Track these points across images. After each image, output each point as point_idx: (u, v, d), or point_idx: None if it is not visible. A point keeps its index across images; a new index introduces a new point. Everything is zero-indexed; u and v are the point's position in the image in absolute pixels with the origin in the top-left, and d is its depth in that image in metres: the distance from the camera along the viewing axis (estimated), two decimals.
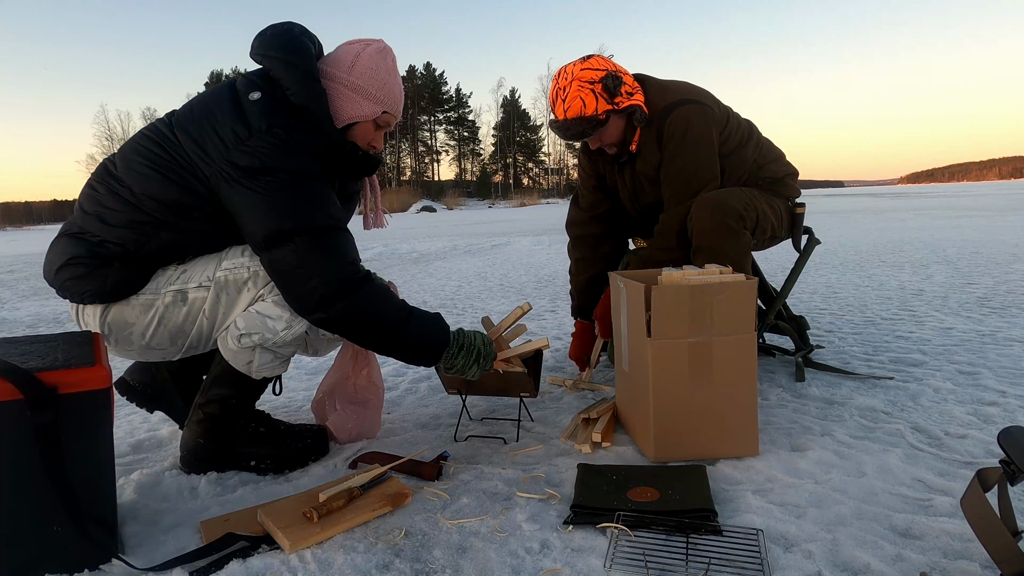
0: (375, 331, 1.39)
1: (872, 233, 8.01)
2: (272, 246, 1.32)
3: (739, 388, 1.44)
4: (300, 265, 1.32)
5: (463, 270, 6.07)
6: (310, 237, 1.32)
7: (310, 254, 1.32)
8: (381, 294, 1.40)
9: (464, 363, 1.49)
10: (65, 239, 1.42)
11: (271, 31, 1.45)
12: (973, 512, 0.96)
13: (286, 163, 1.32)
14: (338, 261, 1.35)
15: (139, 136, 1.43)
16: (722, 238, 1.81)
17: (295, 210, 1.32)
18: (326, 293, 1.32)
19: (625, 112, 1.91)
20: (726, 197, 1.84)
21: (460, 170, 70.18)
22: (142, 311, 1.41)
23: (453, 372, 1.50)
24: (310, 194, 1.35)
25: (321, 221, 1.34)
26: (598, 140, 1.97)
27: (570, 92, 1.88)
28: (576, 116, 1.88)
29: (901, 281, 4.08)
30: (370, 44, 1.50)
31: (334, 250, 1.35)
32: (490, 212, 32.67)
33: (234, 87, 1.41)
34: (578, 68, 1.90)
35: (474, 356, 1.50)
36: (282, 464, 1.54)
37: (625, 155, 2.01)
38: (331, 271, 1.33)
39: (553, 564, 1.09)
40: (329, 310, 1.34)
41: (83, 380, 1.06)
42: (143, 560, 1.14)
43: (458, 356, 1.48)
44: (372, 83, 1.46)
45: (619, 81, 1.88)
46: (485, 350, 1.52)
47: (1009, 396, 1.81)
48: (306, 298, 1.33)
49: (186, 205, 1.37)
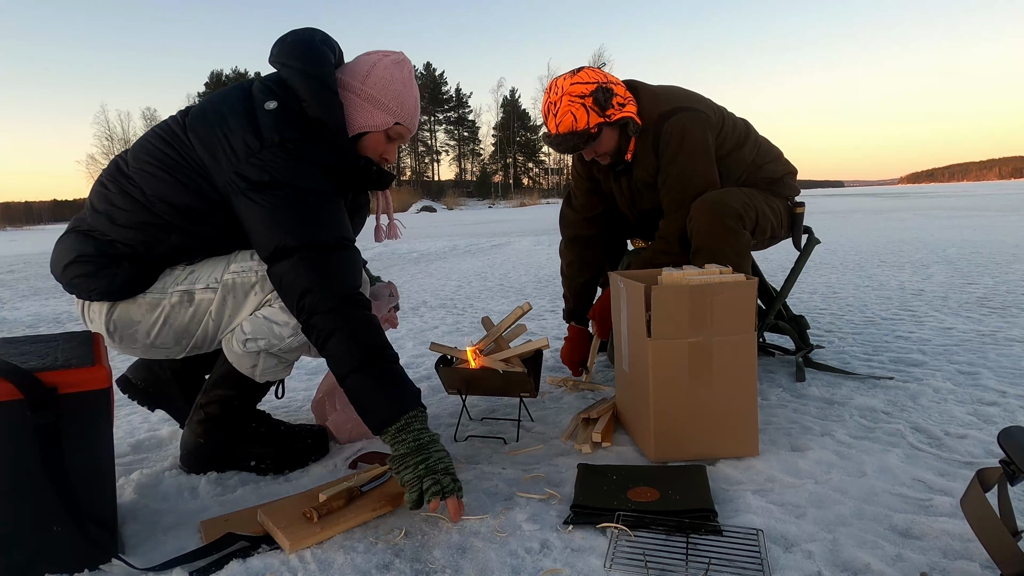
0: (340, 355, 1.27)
1: (872, 233, 8.01)
2: (274, 260, 1.31)
3: (739, 388, 1.44)
4: (296, 280, 1.29)
5: (463, 270, 6.07)
6: (309, 254, 1.29)
7: (306, 271, 1.28)
8: (367, 324, 1.30)
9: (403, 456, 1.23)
10: (74, 235, 1.41)
11: (292, 37, 1.43)
12: (973, 512, 0.96)
13: (294, 179, 1.31)
14: (334, 280, 1.30)
15: (151, 134, 1.42)
16: (721, 238, 1.81)
17: (298, 227, 1.30)
18: (315, 307, 1.28)
19: (618, 124, 1.92)
20: (725, 197, 1.84)
21: (460, 170, 70.24)
22: (148, 310, 1.41)
23: (390, 462, 1.27)
24: (315, 211, 1.33)
25: (325, 237, 1.32)
26: (592, 152, 1.98)
27: (561, 107, 1.88)
28: (568, 131, 1.88)
29: (901, 281, 4.08)
30: (388, 55, 1.48)
31: (331, 269, 1.30)
32: (490, 212, 32.67)
33: (250, 93, 1.38)
34: (568, 82, 1.89)
35: (419, 459, 1.22)
36: (282, 464, 1.54)
37: (621, 164, 2.01)
38: (326, 288, 1.28)
39: (553, 564, 1.09)
40: (312, 319, 1.28)
41: (83, 380, 1.06)
42: (143, 560, 1.14)
43: (404, 443, 1.23)
44: (385, 93, 1.44)
45: (610, 93, 1.88)
46: (436, 470, 1.21)
47: (1009, 396, 1.81)
48: (296, 314, 1.31)
49: (197, 209, 1.36)
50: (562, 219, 2.30)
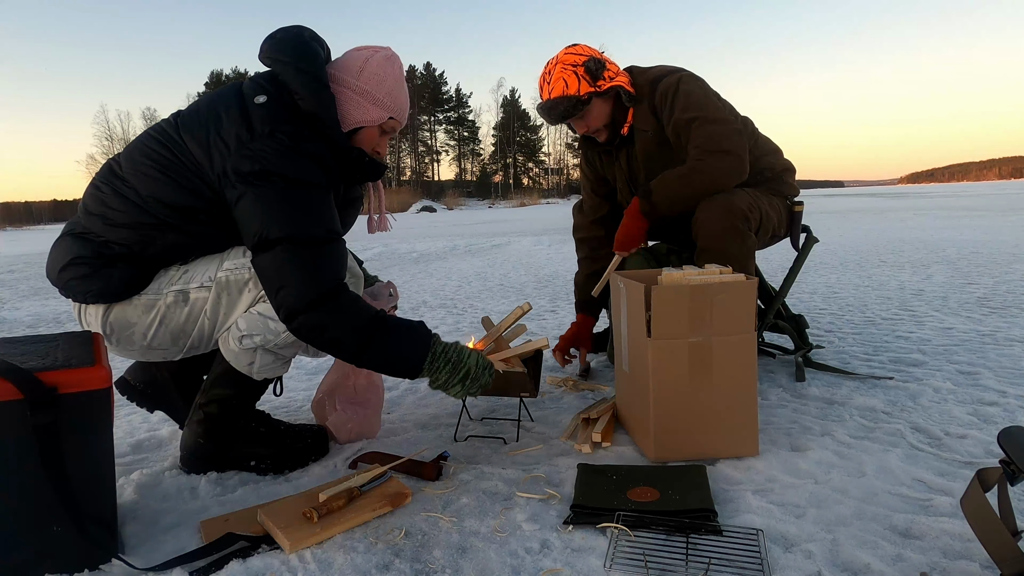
0: (340, 346, 1.33)
1: (872, 233, 8.01)
2: (259, 250, 1.31)
3: (739, 388, 1.44)
4: (275, 273, 1.30)
5: (463, 270, 6.06)
6: (291, 247, 1.29)
7: (286, 264, 1.29)
8: (350, 309, 1.33)
9: (448, 379, 1.41)
10: (69, 239, 1.42)
11: (281, 34, 1.44)
12: (973, 512, 0.96)
13: (285, 169, 1.31)
14: (312, 275, 1.30)
15: (145, 137, 1.43)
16: (729, 241, 1.81)
17: (287, 217, 1.30)
18: (293, 306, 1.29)
19: (609, 94, 1.96)
20: (732, 199, 1.84)
21: (460, 170, 70.25)
22: (144, 311, 1.41)
23: (435, 387, 1.43)
24: (304, 203, 1.33)
25: (309, 232, 1.31)
26: (584, 124, 2.01)
27: (554, 74, 1.95)
28: (559, 96, 1.93)
29: (901, 281, 4.08)
30: (378, 51, 1.50)
31: (311, 263, 1.30)
32: (490, 212, 32.68)
33: (240, 90, 1.40)
34: (563, 52, 1.97)
35: (460, 375, 1.41)
36: (282, 464, 1.54)
37: (617, 139, 2.05)
38: (301, 284, 1.28)
39: (553, 564, 1.09)
40: (293, 322, 1.30)
41: (83, 380, 1.06)
42: (143, 560, 1.14)
43: (441, 370, 1.40)
44: (379, 89, 1.47)
45: (602, 65, 1.94)
46: (476, 372, 1.43)
47: (1009, 396, 1.81)
48: (278, 306, 1.31)
49: (192, 208, 1.37)
50: (575, 225, 2.38)
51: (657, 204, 1.89)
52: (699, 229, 1.85)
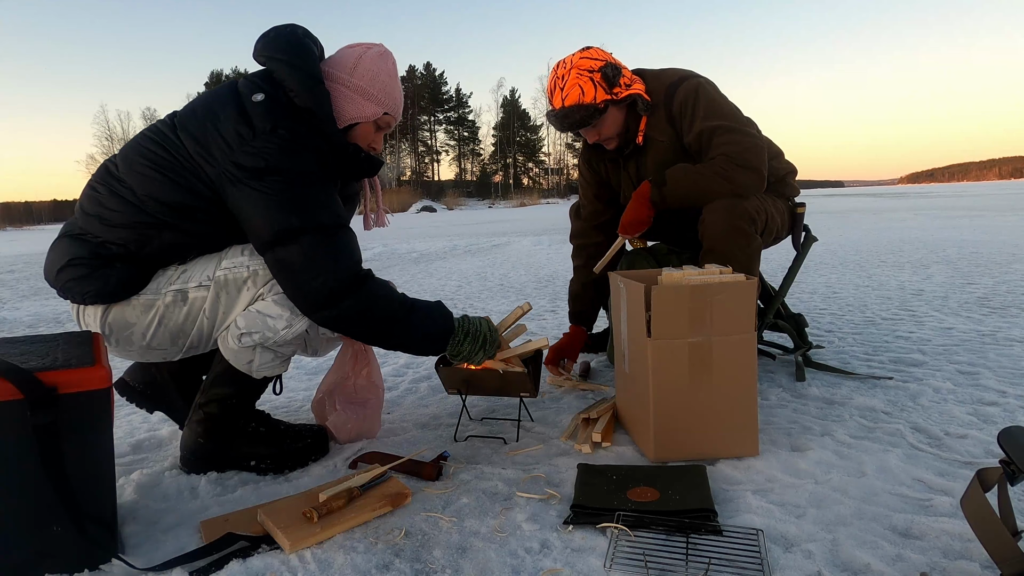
0: (380, 327, 1.42)
1: (872, 233, 8.01)
2: (279, 244, 1.33)
3: (739, 388, 1.44)
4: (308, 263, 1.33)
5: (463, 270, 6.07)
6: (317, 235, 1.34)
7: (317, 252, 1.34)
8: (384, 290, 1.42)
9: (470, 349, 1.51)
10: (66, 240, 1.42)
11: (274, 33, 1.45)
12: (973, 512, 0.96)
13: (291, 163, 1.34)
14: (344, 259, 1.37)
15: (140, 137, 1.43)
16: (735, 242, 1.79)
17: (302, 209, 1.34)
18: (334, 289, 1.34)
19: (624, 103, 1.90)
20: (740, 201, 1.82)
21: (460, 170, 70.24)
22: (143, 311, 1.41)
23: (459, 359, 1.53)
24: (316, 193, 1.37)
25: (327, 219, 1.36)
26: (596, 133, 1.94)
27: (569, 80, 1.85)
28: (575, 104, 1.85)
29: (901, 281, 4.08)
30: (371, 47, 1.51)
31: (340, 248, 1.37)
32: (490, 212, 32.68)
33: (236, 89, 1.41)
34: (577, 57, 1.88)
35: (480, 342, 1.52)
36: (282, 464, 1.54)
37: (629, 148, 1.99)
38: (339, 268, 1.35)
39: (553, 564, 1.09)
40: (337, 307, 1.36)
41: (83, 380, 1.06)
42: (143, 560, 1.14)
43: (464, 343, 1.50)
44: (374, 85, 1.48)
45: (618, 71, 1.87)
46: (491, 336, 1.54)
47: (1009, 396, 1.81)
48: (313, 295, 1.34)
49: (189, 206, 1.37)
50: (572, 230, 2.30)
51: (667, 196, 1.85)
52: (705, 230, 1.83)
